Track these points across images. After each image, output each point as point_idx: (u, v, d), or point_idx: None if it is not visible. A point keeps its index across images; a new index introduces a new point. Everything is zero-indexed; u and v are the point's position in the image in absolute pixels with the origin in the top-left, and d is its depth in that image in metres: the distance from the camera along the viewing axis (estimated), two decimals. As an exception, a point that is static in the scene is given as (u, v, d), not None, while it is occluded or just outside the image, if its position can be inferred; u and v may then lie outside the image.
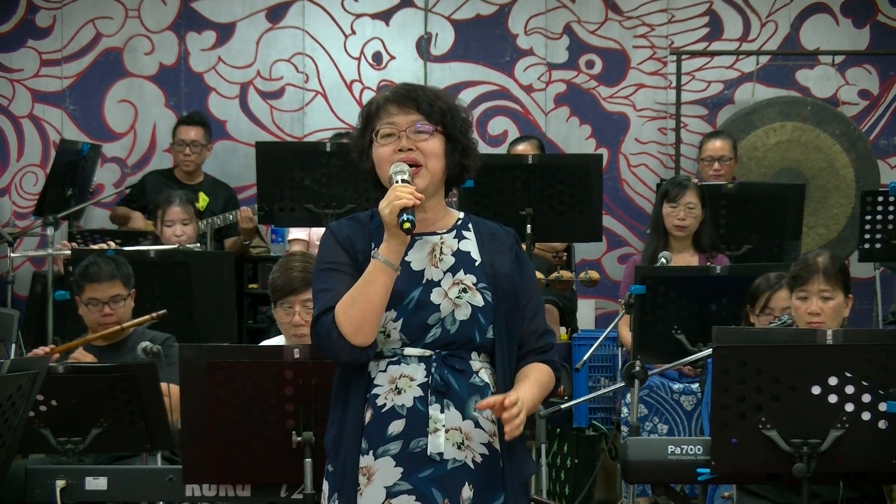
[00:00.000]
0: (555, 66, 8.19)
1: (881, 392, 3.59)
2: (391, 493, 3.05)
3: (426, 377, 3.09)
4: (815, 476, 3.63)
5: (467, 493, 3.08)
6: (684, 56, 8.08)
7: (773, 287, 4.77)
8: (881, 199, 6.44)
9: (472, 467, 3.09)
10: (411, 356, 3.10)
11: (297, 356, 3.70)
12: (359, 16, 8.19)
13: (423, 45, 8.19)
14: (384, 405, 3.09)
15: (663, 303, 5.23)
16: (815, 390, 3.60)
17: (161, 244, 6.26)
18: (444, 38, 8.18)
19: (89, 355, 4.94)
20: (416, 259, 3.14)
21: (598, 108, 8.20)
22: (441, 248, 3.17)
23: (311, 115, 8.18)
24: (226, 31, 8.15)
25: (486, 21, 8.19)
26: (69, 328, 5.46)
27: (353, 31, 8.19)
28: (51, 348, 4.93)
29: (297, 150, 6.45)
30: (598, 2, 8.19)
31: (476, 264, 3.17)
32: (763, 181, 7.74)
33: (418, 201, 3.04)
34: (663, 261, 5.72)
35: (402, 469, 3.06)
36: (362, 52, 8.19)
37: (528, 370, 3.18)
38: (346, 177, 6.03)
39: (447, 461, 3.07)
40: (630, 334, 5.52)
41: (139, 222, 7.39)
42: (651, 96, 8.20)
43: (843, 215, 8.01)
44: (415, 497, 3.05)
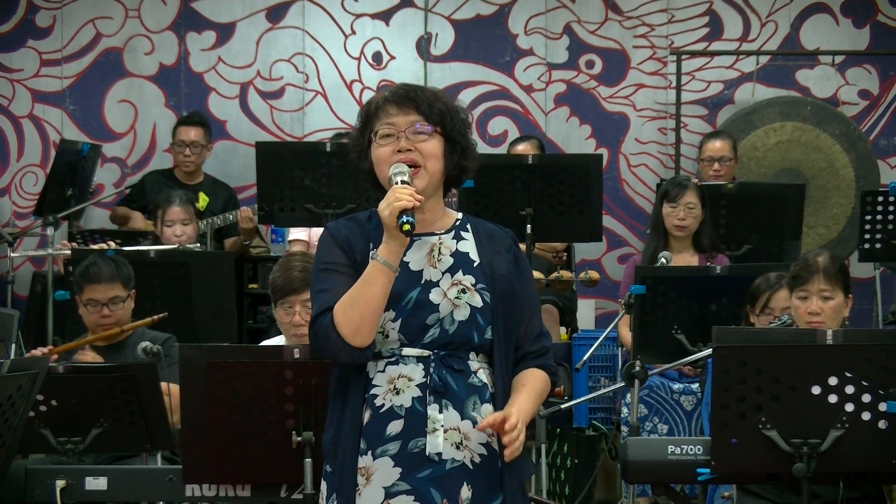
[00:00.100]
0: (555, 66, 8.19)
1: (881, 392, 3.59)
2: (390, 493, 3.05)
3: (424, 377, 3.09)
4: (815, 476, 3.63)
5: (466, 493, 3.07)
6: (684, 56, 8.08)
7: (773, 287, 4.77)
8: (881, 199, 6.44)
9: (471, 467, 3.09)
10: (409, 356, 3.10)
11: (297, 356, 3.70)
12: (359, 16, 8.19)
13: (423, 45, 8.19)
14: (383, 405, 3.08)
15: (663, 303, 5.23)
16: (815, 390, 3.60)
17: (161, 244, 6.26)
18: (444, 38, 8.18)
19: (98, 356, 4.93)
20: (415, 259, 3.14)
21: (598, 108, 8.20)
22: (439, 248, 3.17)
23: (311, 115, 8.18)
24: (226, 31, 8.15)
25: (486, 21, 8.19)
26: (69, 328, 5.47)
27: (353, 31, 8.19)
28: (50, 349, 4.92)
29: (297, 150, 6.45)
30: (598, 2, 8.19)
31: (475, 265, 3.17)
32: (763, 181, 7.74)
33: (418, 203, 3.03)
34: (663, 261, 5.73)
35: (400, 469, 3.06)
36: (362, 52, 8.19)
37: (524, 377, 3.18)
38: (346, 177, 6.03)
39: (446, 461, 3.06)
40: (630, 334, 5.52)
41: (139, 222, 7.39)
42: (651, 96, 8.20)
43: (843, 215, 8.01)
44: (413, 497, 3.04)
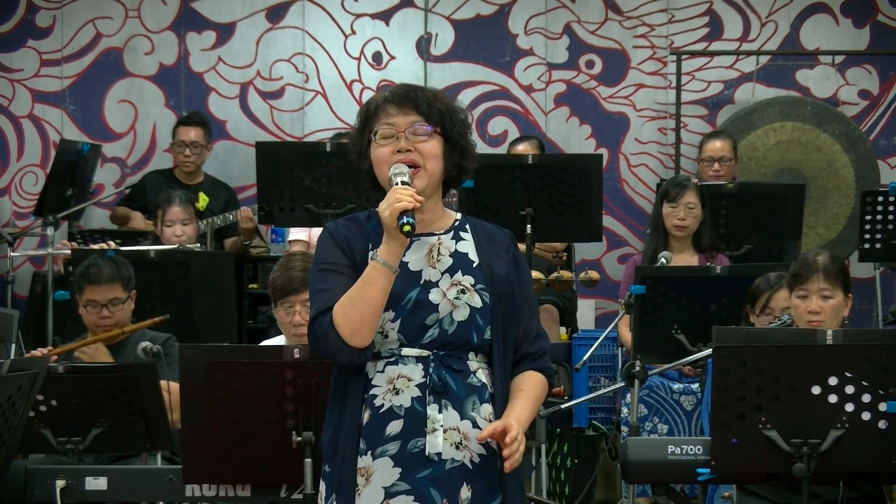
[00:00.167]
0: (555, 66, 8.19)
1: (881, 392, 3.59)
2: (389, 493, 3.05)
3: (424, 377, 3.08)
4: (815, 476, 3.63)
5: (466, 493, 3.07)
6: (684, 56, 8.08)
7: (773, 287, 4.77)
8: (881, 199, 6.44)
9: (471, 467, 3.08)
10: (409, 357, 3.10)
11: (297, 356, 3.70)
12: (359, 16, 8.19)
13: (423, 45, 8.19)
14: (382, 406, 3.08)
15: (663, 303, 5.23)
16: (815, 390, 3.60)
17: (161, 244, 6.26)
18: (444, 38, 8.18)
19: (107, 354, 4.93)
20: (414, 260, 3.14)
21: (598, 108, 8.20)
22: (439, 248, 3.17)
23: (311, 115, 8.18)
24: (226, 31, 8.15)
25: (486, 21, 8.19)
26: (69, 328, 5.46)
27: (353, 31, 8.19)
28: (50, 349, 4.92)
29: (297, 150, 6.45)
30: (598, 2, 8.19)
31: (474, 265, 3.16)
32: (763, 181, 7.74)
33: (419, 204, 3.03)
34: (663, 261, 5.73)
35: (400, 469, 3.06)
36: (362, 52, 8.19)
37: (522, 381, 3.18)
38: (346, 177, 6.03)
39: (445, 461, 3.06)
40: (630, 334, 5.52)
41: (139, 222, 7.39)
42: (651, 96, 8.20)
43: (843, 215, 8.01)
44: (413, 497, 3.04)
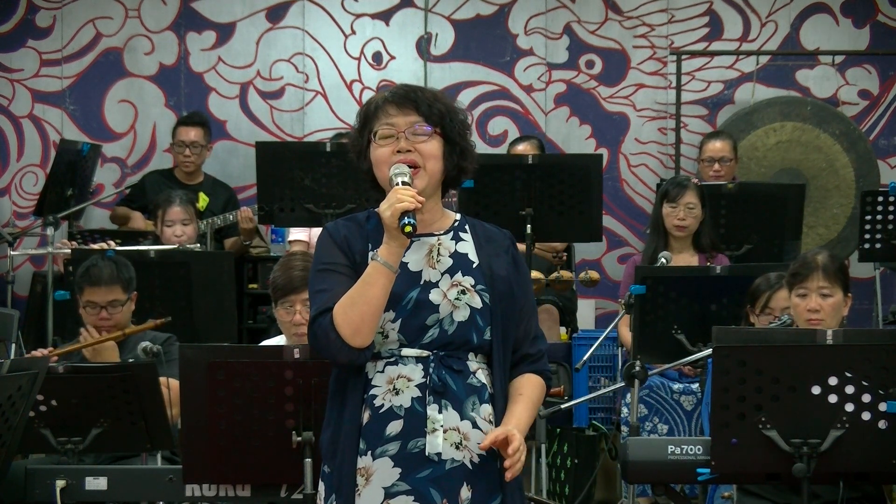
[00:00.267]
0: (555, 66, 8.19)
1: (881, 392, 3.59)
2: (389, 493, 3.05)
3: (424, 378, 3.08)
4: (815, 476, 3.63)
5: (466, 493, 3.07)
6: (684, 56, 8.08)
7: (773, 287, 4.77)
8: (881, 199, 6.44)
9: (471, 467, 3.09)
10: (409, 357, 3.10)
11: (297, 356, 3.70)
12: (359, 16, 8.19)
13: (423, 45, 8.19)
14: (382, 406, 3.08)
15: (663, 303, 5.23)
16: (815, 390, 3.60)
17: (161, 244, 6.26)
18: (444, 38, 8.18)
19: (114, 353, 4.93)
20: (414, 260, 3.14)
21: (598, 108, 8.20)
22: (438, 249, 3.17)
23: (311, 115, 8.19)
24: (226, 31, 8.15)
25: (486, 21, 8.19)
26: (69, 328, 5.46)
27: (353, 31, 8.19)
28: (50, 350, 4.92)
29: (297, 150, 6.45)
30: (598, 2, 8.19)
31: (474, 266, 3.16)
32: (763, 181, 7.74)
33: (420, 204, 3.03)
34: (663, 261, 5.73)
35: (400, 469, 3.06)
36: (362, 52, 8.19)
37: (522, 385, 3.19)
38: (346, 177, 6.03)
39: (445, 461, 3.06)
40: (630, 334, 5.52)
41: (139, 222, 7.39)
42: (651, 96, 8.20)
43: (843, 215, 8.01)
44: (413, 497, 3.04)
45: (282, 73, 8.17)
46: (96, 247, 5.95)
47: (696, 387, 5.85)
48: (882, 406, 3.59)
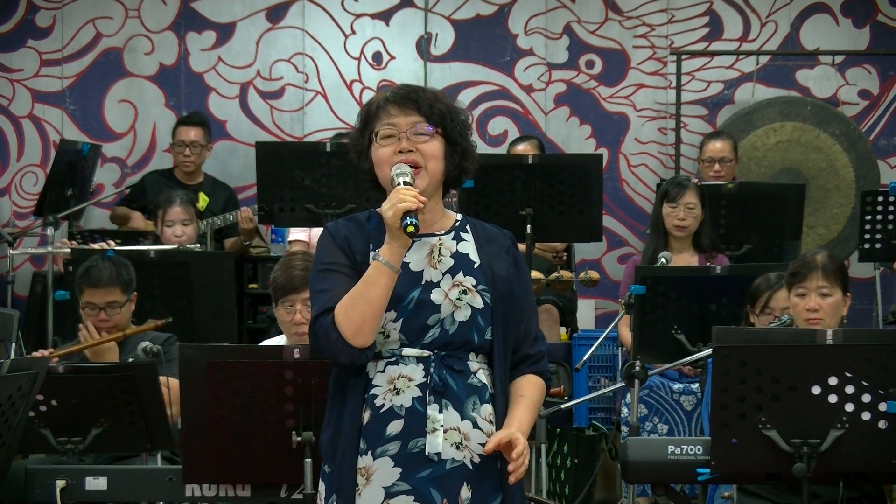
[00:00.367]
0: (555, 66, 8.19)
1: (881, 392, 3.59)
2: (390, 493, 3.05)
3: (424, 377, 3.09)
4: (815, 476, 3.63)
5: (466, 493, 3.08)
6: (684, 56, 8.08)
7: (773, 287, 4.77)
8: (881, 199, 6.45)
9: (471, 467, 3.09)
10: (410, 357, 3.10)
11: (297, 356, 3.70)
12: (359, 16, 8.19)
13: (423, 45, 8.19)
14: (382, 405, 3.08)
15: (663, 303, 5.23)
16: (815, 390, 3.60)
17: (161, 244, 6.26)
18: (444, 38, 8.18)
19: (115, 354, 4.93)
20: (415, 260, 3.14)
21: (598, 108, 8.20)
22: (439, 249, 3.17)
23: (311, 115, 8.18)
24: (226, 31, 8.15)
25: (486, 21, 8.19)
26: (69, 328, 5.45)
27: (353, 31, 8.19)
28: (50, 352, 4.92)
29: (297, 150, 6.45)
30: (598, 2, 8.19)
31: (475, 266, 3.17)
32: (763, 181, 7.74)
33: (422, 204, 3.03)
34: (663, 261, 5.73)
35: (400, 469, 3.06)
36: (362, 52, 8.19)
37: (523, 386, 3.19)
38: (346, 177, 6.03)
39: (445, 461, 3.06)
40: (630, 334, 5.52)
41: (139, 222, 7.39)
42: (651, 96, 8.20)
43: (843, 215, 8.01)
44: (413, 497, 3.04)
45: (282, 73, 8.17)
46: (96, 246, 5.95)
47: (696, 387, 5.85)
48: (882, 406, 3.59)
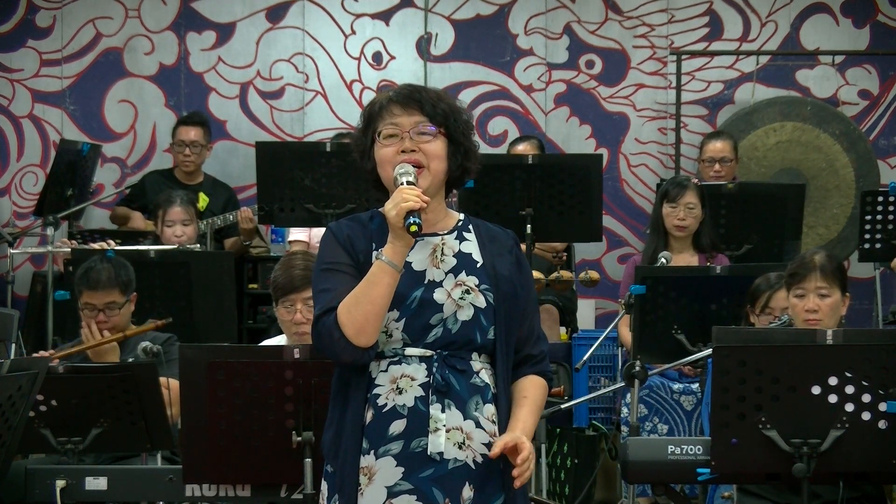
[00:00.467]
0: (555, 66, 8.19)
1: (881, 392, 3.59)
2: (392, 492, 3.05)
3: (427, 377, 3.09)
4: (815, 476, 3.63)
5: (468, 493, 3.08)
6: (684, 56, 8.08)
7: (773, 287, 4.77)
8: (881, 199, 6.45)
9: (473, 467, 3.09)
10: (412, 356, 3.10)
11: (297, 356, 3.70)
12: (359, 16, 8.19)
13: (423, 45, 8.19)
14: (385, 405, 3.09)
15: (663, 303, 5.23)
16: (815, 390, 3.60)
17: (161, 244, 6.26)
18: (444, 38, 8.18)
19: (115, 354, 4.93)
20: (417, 260, 3.14)
21: (598, 108, 8.20)
22: (442, 249, 3.17)
23: (311, 115, 8.18)
24: (226, 31, 8.15)
25: (486, 21, 8.19)
26: (69, 328, 5.46)
27: (353, 31, 8.19)
28: (50, 353, 4.92)
29: (297, 150, 6.45)
30: (598, 2, 8.19)
31: (478, 266, 3.17)
32: (763, 181, 7.74)
33: (425, 204, 3.03)
34: (663, 261, 5.73)
35: (403, 469, 3.06)
36: (362, 52, 8.19)
37: (526, 388, 3.20)
38: (346, 177, 6.03)
39: (448, 461, 3.07)
40: (630, 334, 5.52)
41: (139, 222, 7.39)
42: (651, 96, 8.20)
43: (843, 215, 8.01)
44: (416, 497, 3.05)
45: (282, 73, 8.17)
46: (96, 246, 5.95)
47: (696, 387, 5.85)
48: (882, 406, 3.60)
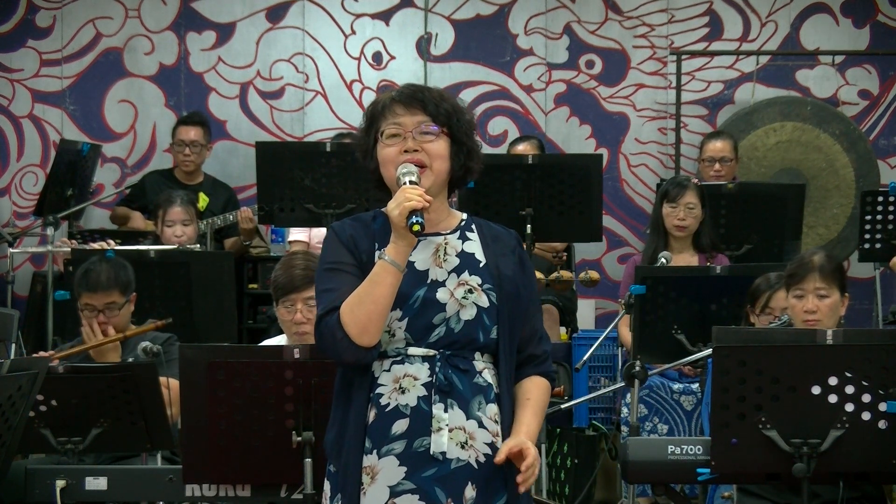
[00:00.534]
0: (555, 66, 8.19)
1: (881, 392, 3.59)
2: (395, 492, 3.05)
3: (430, 377, 3.09)
4: (815, 476, 3.63)
5: (470, 492, 3.08)
6: (684, 56, 8.08)
7: (774, 287, 4.77)
8: (881, 199, 6.45)
9: (476, 467, 3.09)
10: (415, 356, 3.10)
11: (297, 356, 3.70)
12: (359, 16, 8.19)
13: (423, 45, 8.19)
14: (388, 404, 3.09)
15: (663, 303, 5.23)
16: (815, 390, 3.60)
17: (161, 244, 6.26)
18: (444, 38, 8.18)
19: (116, 354, 4.93)
20: (420, 259, 3.14)
21: (598, 108, 8.20)
22: (445, 248, 3.17)
23: (311, 115, 8.18)
24: (226, 31, 8.15)
25: (486, 21, 8.19)
26: (69, 328, 5.46)
27: (353, 31, 8.19)
28: (50, 353, 4.92)
29: (297, 150, 6.45)
30: (598, 2, 8.19)
31: (481, 265, 3.17)
32: (763, 181, 7.74)
33: (428, 204, 3.03)
34: (663, 261, 5.73)
35: (405, 468, 3.06)
36: (362, 52, 8.19)
37: (529, 390, 3.20)
38: (346, 177, 6.03)
39: (451, 461, 3.07)
40: (630, 334, 5.52)
41: (139, 222, 7.39)
42: (651, 96, 8.20)
43: (843, 215, 8.01)
44: (418, 496, 3.05)
45: (282, 73, 8.17)
46: (96, 246, 5.95)
47: (696, 387, 5.85)
48: (882, 406, 3.60)
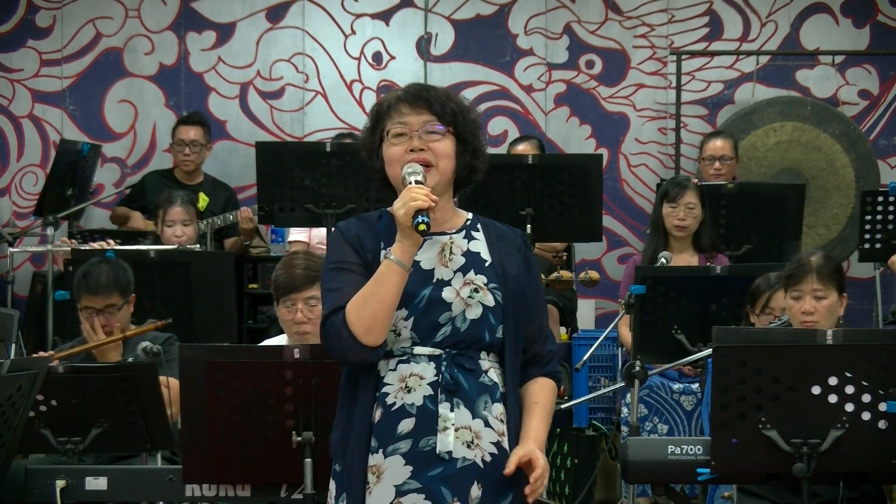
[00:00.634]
0: (555, 66, 8.19)
1: (881, 392, 3.59)
2: (400, 491, 3.05)
3: (436, 376, 3.09)
4: (815, 476, 3.63)
5: (476, 492, 3.07)
6: (684, 56, 8.08)
7: (774, 287, 4.77)
8: (881, 199, 6.44)
9: (482, 466, 3.09)
10: (421, 355, 3.10)
11: (297, 356, 3.70)
12: (359, 16, 8.19)
13: (423, 45, 8.19)
14: (394, 404, 3.08)
15: (663, 303, 5.23)
16: (815, 390, 3.60)
17: (161, 244, 6.26)
18: (444, 38, 8.19)
19: (117, 353, 4.93)
20: (426, 258, 3.14)
21: (598, 108, 8.20)
22: (451, 248, 3.17)
23: (311, 115, 8.19)
24: (226, 31, 8.15)
25: (486, 21, 8.19)
26: (69, 328, 5.46)
27: (353, 31, 8.19)
28: (50, 353, 4.92)
29: (297, 150, 6.45)
30: (598, 2, 8.19)
31: (486, 264, 3.17)
32: (763, 181, 7.74)
33: (433, 203, 3.03)
34: (663, 261, 5.73)
35: (411, 468, 3.06)
36: (362, 52, 8.19)
37: (537, 393, 3.20)
38: (346, 177, 6.03)
39: (456, 460, 3.06)
40: (630, 334, 5.52)
41: (139, 222, 7.39)
42: (651, 96, 8.20)
43: (843, 215, 8.01)
44: (424, 496, 3.04)
45: (282, 73, 8.17)
46: (96, 246, 5.95)
47: (696, 387, 5.85)
48: (882, 406, 3.60)
